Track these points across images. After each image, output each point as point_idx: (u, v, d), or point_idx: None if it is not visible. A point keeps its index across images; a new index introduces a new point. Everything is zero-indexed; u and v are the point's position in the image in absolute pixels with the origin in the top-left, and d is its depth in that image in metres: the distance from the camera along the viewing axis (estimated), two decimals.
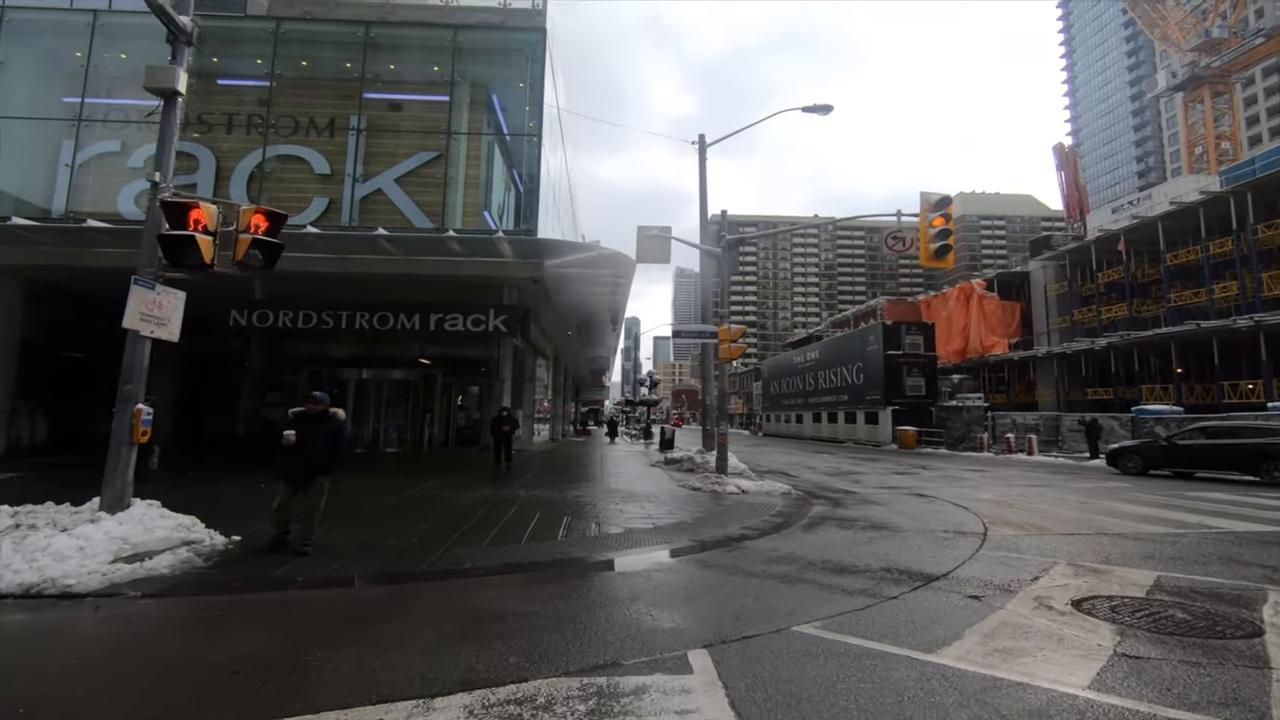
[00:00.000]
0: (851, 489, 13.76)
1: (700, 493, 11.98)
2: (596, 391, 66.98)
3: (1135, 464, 18.31)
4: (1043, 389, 40.76)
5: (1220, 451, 16.54)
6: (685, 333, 13.19)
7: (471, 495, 10.67)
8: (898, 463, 22.88)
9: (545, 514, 9.02)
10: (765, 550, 7.04)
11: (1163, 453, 17.78)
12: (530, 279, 15.35)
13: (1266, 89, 69.41)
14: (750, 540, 7.63)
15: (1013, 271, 46.19)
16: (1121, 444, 20.51)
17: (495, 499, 10.34)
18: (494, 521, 8.31)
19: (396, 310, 15.49)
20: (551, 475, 14.78)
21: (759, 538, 7.80)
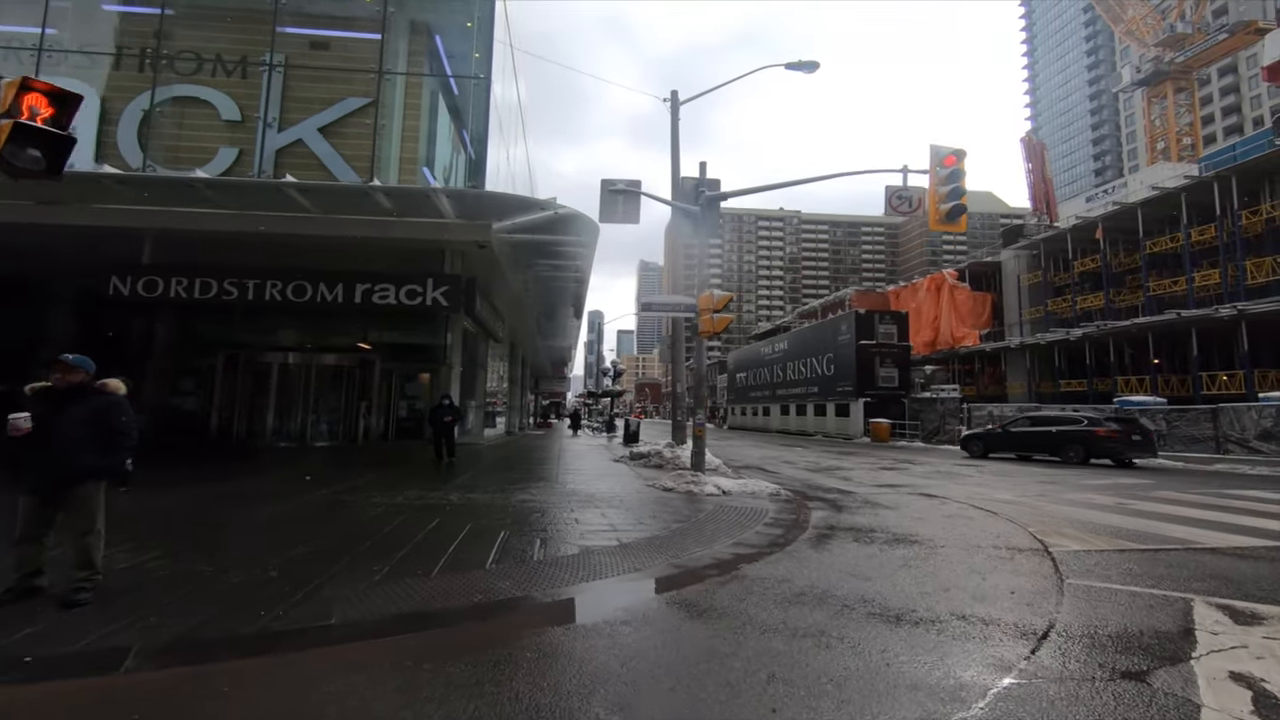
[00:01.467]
0: (845, 487, 11.98)
1: (673, 494, 10.03)
2: (558, 383, 64.65)
3: (978, 448, 20.97)
4: (1013, 381, 40.03)
5: (1039, 438, 19.07)
6: (657, 305, 11.20)
7: (390, 500, 8.50)
8: (878, 457, 21.34)
9: (477, 527, 6.93)
10: (773, 581, 5.09)
11: (1000, 439, 20.43)
12: (476, 244, 13.13)
13: (1221, 89, 70.65)
14: (748, 564, 5.68)
15: (984, 262, 45.46)
16: (970, 431, 23.29)
17: (419, 505, 8.20)
18: (404, 539, 6.19)
19: (315, 279, 13.10)
20: (498, 473, 12.67)
21: (758, 559, 5.87)
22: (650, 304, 11.25)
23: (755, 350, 56.84)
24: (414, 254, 13.59)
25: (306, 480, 10.41)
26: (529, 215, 12.57)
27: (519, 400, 38.43)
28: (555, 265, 17.62)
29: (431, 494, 9.14)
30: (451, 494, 9.20)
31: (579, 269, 17.65)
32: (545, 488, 10.31)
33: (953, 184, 10.83)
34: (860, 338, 36.20)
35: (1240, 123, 68.73)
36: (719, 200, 11.17)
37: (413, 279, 13.18)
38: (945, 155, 10.99)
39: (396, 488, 9.69)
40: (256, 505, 7.92)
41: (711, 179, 11.30)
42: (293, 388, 19.39)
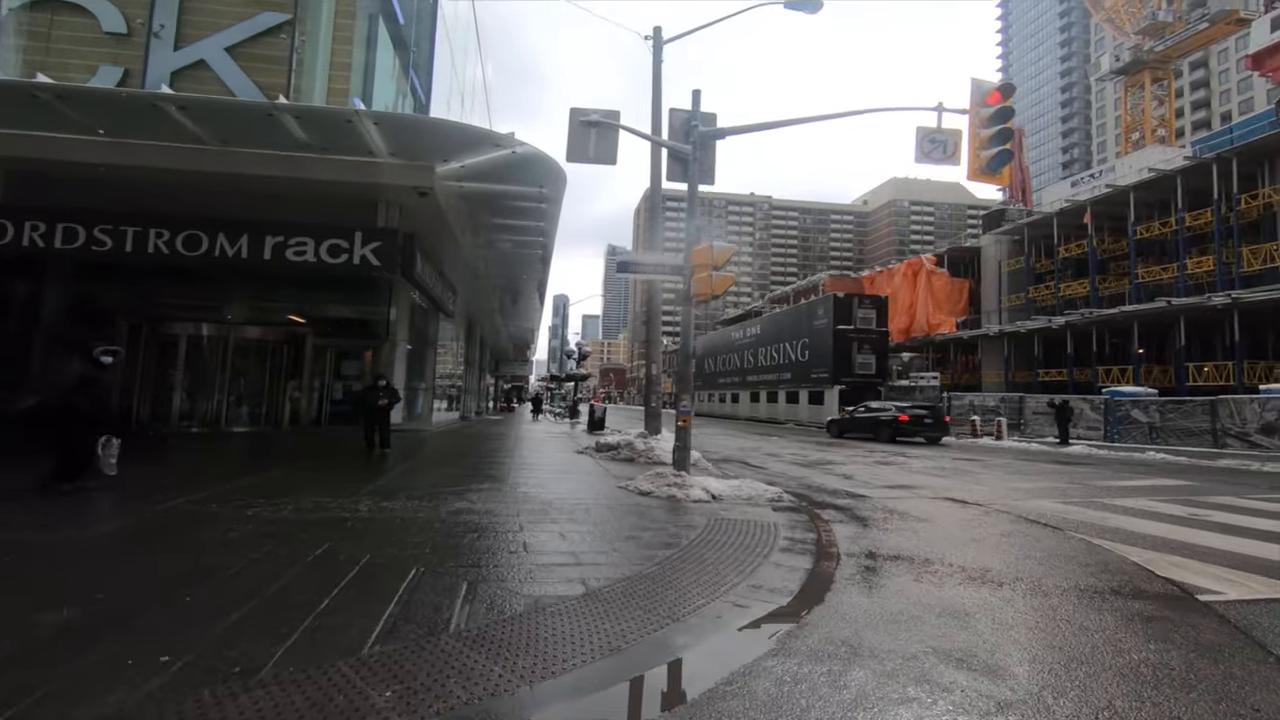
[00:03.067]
0: (851, 489, 10.14)
1: (652, 501, 8.01)
2: (519, 366, 62.07)
3: (835, 430, 25.95)
4: (989, 369, 39.08)
5: (869, 423, 23.89)
6: (638, 265, 9.07)
7: (273, 512, 6.28)
8: (864, 449, 19.71)
9: (381, 559, 4.80)
10: (836, 672, 3.10)
11: (848, 423, 25.22)
12: (415, 192, 10.79)
13: (1191, 83, 71.05)
14: (784, 628, 3.70)
15: (964, 247, 44.39)
16: (830, 418, 28.05)
17: (311, 520, 6.02)
18: (254, 586, 4.03)
19: (213, 230, 10.61)
20: (438, 469, 10.49)
21: (795, 619, 3.90)
22: (629, 263, 9.12)
23: (725, 335, 55.20)
24: (340, 202, 11.19)
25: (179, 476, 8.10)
26: (481, 154, 10.29)
27: (476, 383, 35.99)
28: (515, 227, 15.31)
29: (336, 501, 6.94)
30: (363, 501, 7.01)
31: (543, 231, 15.37)
32: (491, 491, 8.18)
33: (998, 125, 8.94)
34: (838, 322, 34.68)
35: (1209, 118, 69.23)
36: (715, 138, 9.07)
37: (337, 232, 10.80)
38: (989, 91, 9.10)
39: (293, 491, 7.45)
40: (75, 520, 5.64)
41: (707, 113, 9.20)
42: (207, 365, 16.82)
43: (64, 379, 6.88)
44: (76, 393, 6.83)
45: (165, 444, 12.84)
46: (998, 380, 37.44)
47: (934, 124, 9.23)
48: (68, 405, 6.78)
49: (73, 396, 6.80)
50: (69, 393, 6.79)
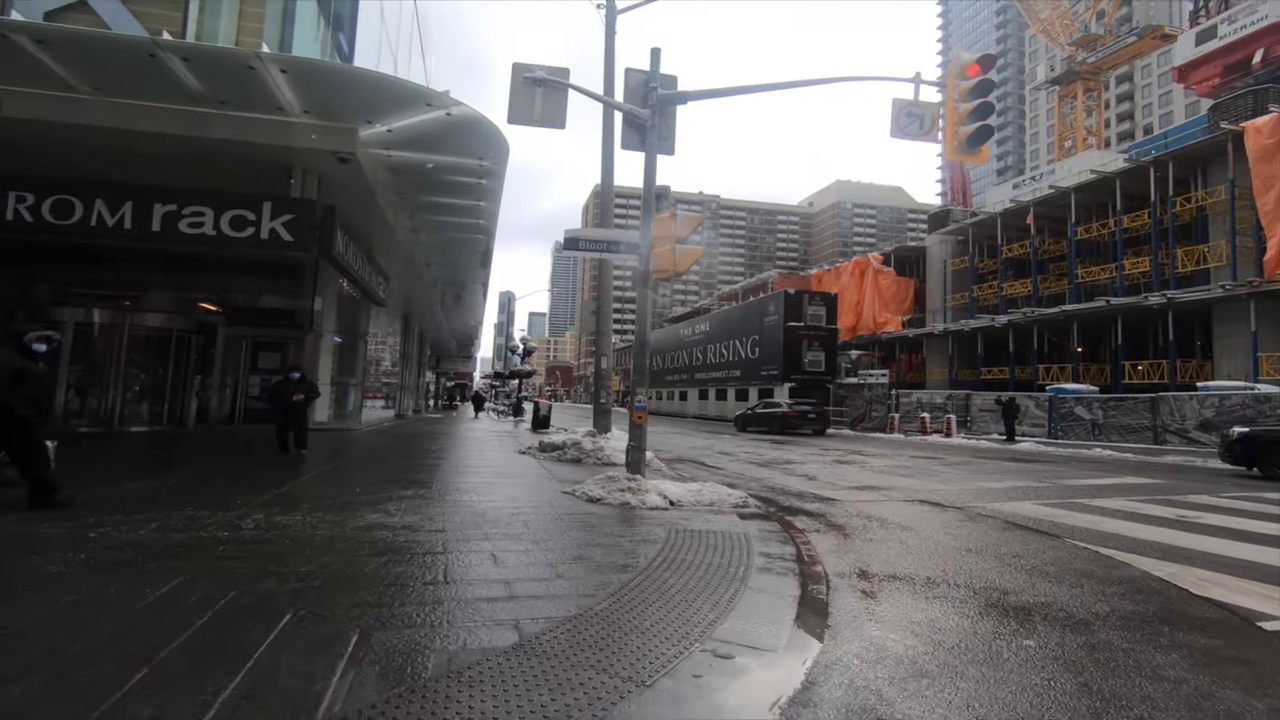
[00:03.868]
0: (815, 490, 9.38)
1: (603, 508, 7.01)
2: (463, 363, 60.03)
3: (740, 424, 28.43)
4: (933, 367, 39.56)
5: (766, 418, 26.52)
6: (587, 242, 7.99)
7: (129, 533, 5.00)
8: (818, 447, 19.19)
9: (240, 604, 3.63)
10: None
11: (750, 418, 27.63)
12: (335, 158, 9.45)
13: (1117, 95, 74.38)
14: (790, 690, 2.76)
15: (909, 246, 44.89)
16: (737, 414, 30.05)
17: (179, 541, 4.78)
18: (40, 650, 2.84)
19: (88, 195, 9.00)
20: (357, 473, 9.23)
21: (803, 666, 2.96)
22: (577, 239, 8.05)
23: (673, 332, 54.59)
24: (247, 168, 9.72)
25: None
26: (411, 115, 9.03)
27: (415, 379, 34.21)
28: (453, 207, 14.00)
29: (216, 516, 5.68)
30: (252, 516, 5.77)
31: (484, 213, 14.11)
32: (415, 500, 7.01)
33: (978, 99, 8.28)
34: (788, 319, 34.36)
35: (1133, 129, 72.58)
36: (676, 102, 8.10)
37: (241, 201, 9.35)
38: (968, 64, 8.43)
39: (165, 503, 6.14)
40: None
41: (667, 75, 8.23)
42: (99, 356, 14.90)
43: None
44: (11, 391, 5.42)
45: None
46: (942, 378, 37.91)
47: (910, 96, 8.52)
48: (4, 408, 5.39)
49: (8, 396, 5.39)
50: (3, 391, 5.38)
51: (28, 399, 5.58)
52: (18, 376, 5.50)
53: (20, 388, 5.50)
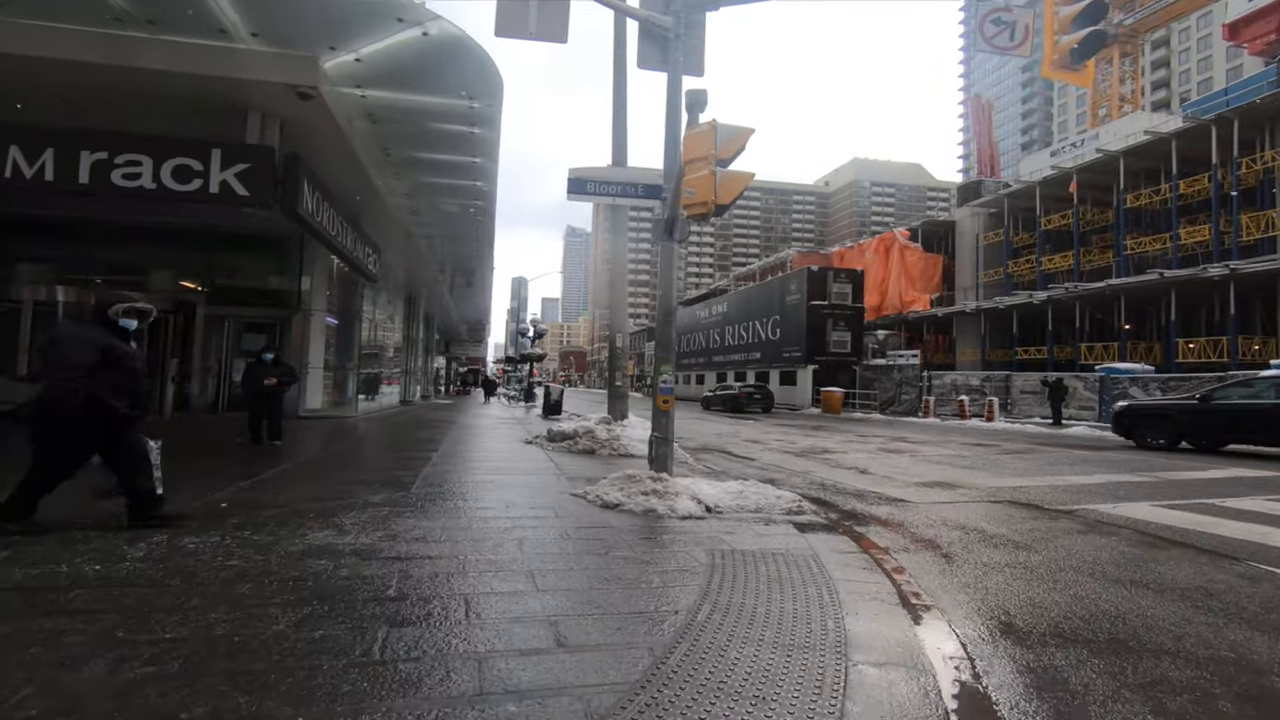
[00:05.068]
0: (875, 488, 7.82)
1: (622, 517, 5.49)
2: (474, 348, 58.80)
3: (704, 404, 31.39)
4: (964, 347, 37.63)
5: (722, 400, 29.29)
6: (599, 185, 6.32)
7: None
8: (853, 432, 17.60)
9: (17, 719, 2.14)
10: None
11: (713, 399, 30.60)
12: (295, 92, 7.89)
13: (1153, 62, 71.00)
14: None
15: (938, 221, 42.77)
16: (703, 395, 32.98)
17: (9, 584, 3.31)
18: None
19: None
20: (329, 470, 7.77)
21: None
22: (585, 181, 6.39)
23: (690, 314, 52.86)
24: (193, 108, 8.20)
25: None
26: (380, 35, 7.44)
27: (421, 364, 32.85)
28: (444, 166, 12.41)
29: (106, 537, 4.23)
30: (153, 535, 4.30)
31: (480, 172, 12.51)
32: (382, 510, 5.51)
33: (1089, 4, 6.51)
34: (812, 298, 32.59)
35: (1168, 98, 69.32)
36: (706, 7, 6.43)
37: (185, 148, 7.83)
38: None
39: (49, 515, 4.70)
40: None
41: None
42: None
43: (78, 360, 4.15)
44: (98, 378, 4.17)
45: None
46: (973, 359, 36.00)
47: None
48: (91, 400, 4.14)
49: (94, 384, 4.15)
50: (84, 379, 4.12)
51: (120, 388, 4.29)
52: (106, 359, 4.22)
53: (110, 374, 4.24)
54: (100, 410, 4.17)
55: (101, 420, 4.21)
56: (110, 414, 4.22)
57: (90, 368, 4.13)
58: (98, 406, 4.15)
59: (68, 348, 4.20)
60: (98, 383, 4.14)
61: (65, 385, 4.07)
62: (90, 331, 4.32)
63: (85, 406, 4.11)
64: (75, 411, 4.08)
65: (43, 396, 4.11)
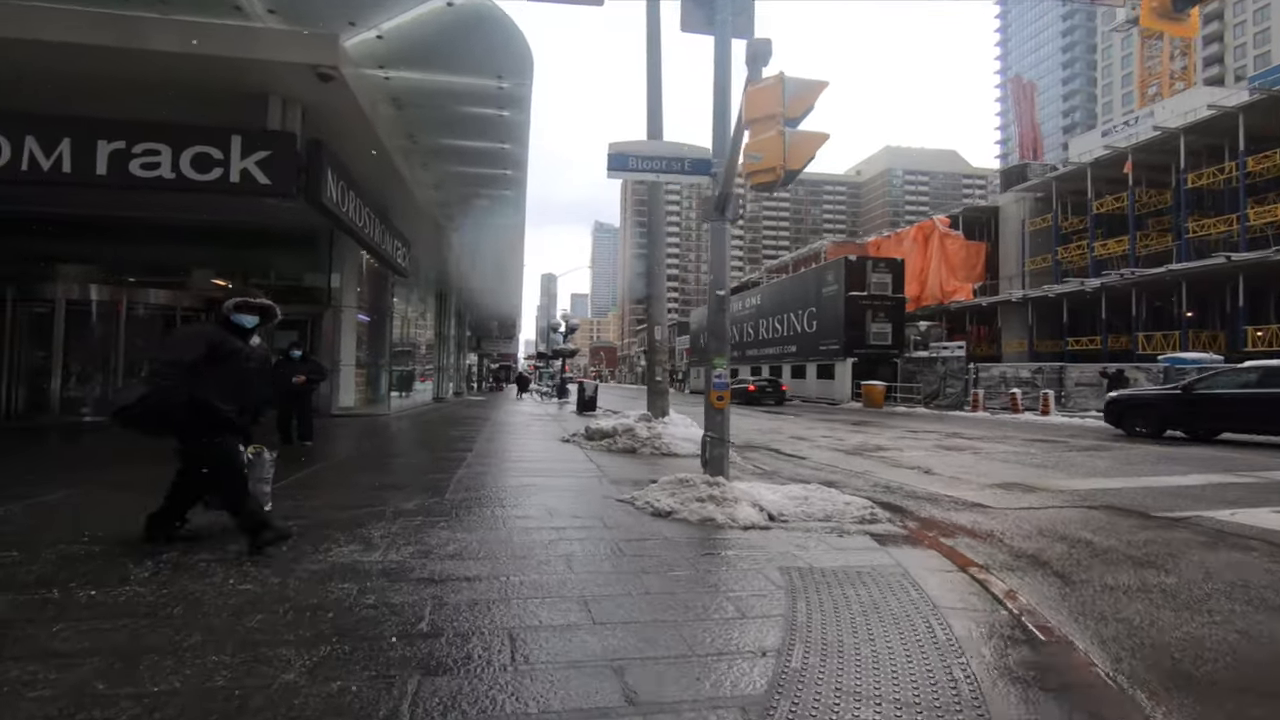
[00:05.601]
0: (947, 491, 7.12)
1: (676, 527, 4.94)
2: (505, 344, 58.78)
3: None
4: (1010, 338, 36.21)
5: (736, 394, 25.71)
6: (643, 160, 5.73)
7: None
8: (901, 428, 16.78)
9: None
10: None
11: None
12: (316, 73, 7.46)
13: (1205, 36, 67.67)
14: None
15: (979, 207, 41.25)
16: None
17: None
18: None
19: (16, 131, 7.16)
20: (360, 472, 7.35)
21: None
22: (628, 156, 5.81)
23: None
24: (211, 94, 7.81)
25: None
26: (402, 8, 6.96)
27: (453, 360, 32.70)
28: (473, 153, 11.95)
29: (114, 553, 3.81)
30: (164, 553, 3.85)
31: (510, 160, 12.03)
32: (416, 519, 5.03)
33: None
34: (850, 288, 31.59)
35: (1222, 74, 66.04)
36: None
37: (204, 136, 7.46)
38: None
39: (58, 525, 4.32)
40: None
41: None
42: (95, 339, 13.47)
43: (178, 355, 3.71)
44: (204, 377, 3.68)
45: None
46: (1020, 350, 34.58)
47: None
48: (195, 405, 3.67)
49: (201, 383, 3.67)
50: (187, 380, 3.64)
51: (229, 389, 3.81)
52: (213, 355, 3.74)
53: (218, 372, 3.75)
54: (202, 412, 3.69)
55: (202, 423, 3.73)
56: (211, 417, 3.73)
57: (191, 364, 3.64)
58: (199, 408, 3.66)
59: (172, 345, 3.84)
60: (203, 382, 3.66)
61: (164, 381, 3.59)
62: (202, 327, 3.92)
63: (188, 407, 3.63)
64: (178, 411, 3.60)
65: (151, 397, 3.61)
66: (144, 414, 3.64)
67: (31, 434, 10.97)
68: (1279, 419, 11.51)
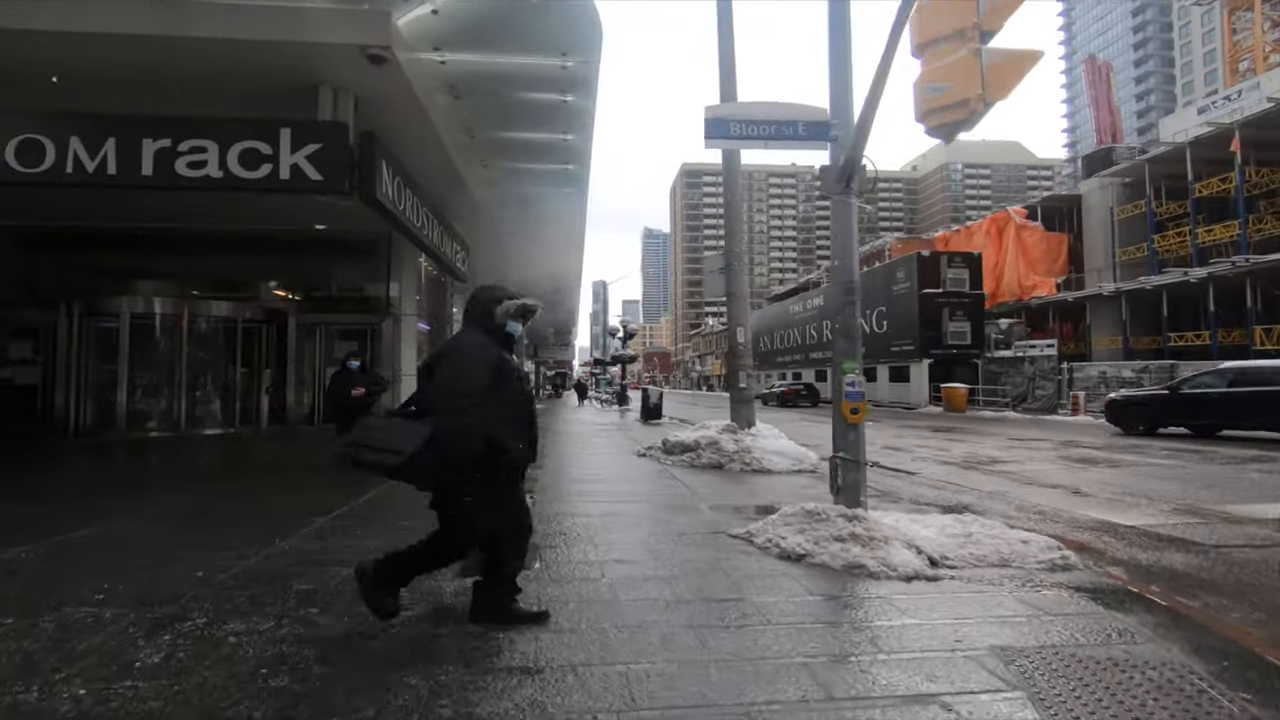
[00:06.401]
0: (1129, 520, 5.79)
1: (813, 575, 3.91)
2: (561, 351, 58.49)
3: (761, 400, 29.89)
4: (1100, 335, 33.52)
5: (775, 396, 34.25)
6: (752, 126, 4.66)
7: None
8: (1002, 435, 15.24)
9: None
10: None
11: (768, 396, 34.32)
12: (366, 55, 6.73)
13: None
14: None
15: (1059, 196, 38.57)
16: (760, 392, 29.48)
17: None
18: None
19: (60, 132, 6.64)
20: (429, 496, 6.48)
21: None
22: (729, 122, 4.82)
23: (781, 310, 50.42)
24: (258, 84, 7.19)
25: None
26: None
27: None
28: (532, 147, 11.17)
29: (126, 619, 3.01)
30: (190, 615, 3.04)
31: (572, 153, 11.18)
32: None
33: None
34: (923, 285, 29.75)
35: None
36: None
37: (252, 130, 6.81)
38: None
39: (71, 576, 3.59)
40: None
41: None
42: (161, 352, 13.28)
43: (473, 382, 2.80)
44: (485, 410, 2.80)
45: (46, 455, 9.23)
46: (1113, 347, 31.92)
47: None
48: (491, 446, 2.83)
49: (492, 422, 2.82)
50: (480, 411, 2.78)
51: (511, 420, 2.94)
52: (499, 377, 2.87)
53: (499, 398, 2.86)
54: (496, 453, 2.80)
55: (493, 467, 2.82)
56: (506, 457, 2.85)
57: (484, 394, 2.77)
58: (492, 447, 2.78)
59: (457, 367, 2.82)
60: (488, 415, 2.77)
61: (458, 419, 2.70)
62: (477, 340, 2.95)
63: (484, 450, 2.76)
64: (475, 456, 2.73)
65: (441, 438, 2.70)
66: (440, 466, 2.70)
67: (95, 450, 10.69)
68: (1250, 415, 12.57)
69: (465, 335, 3.02)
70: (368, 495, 6.39)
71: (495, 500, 2.87)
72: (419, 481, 2.85)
